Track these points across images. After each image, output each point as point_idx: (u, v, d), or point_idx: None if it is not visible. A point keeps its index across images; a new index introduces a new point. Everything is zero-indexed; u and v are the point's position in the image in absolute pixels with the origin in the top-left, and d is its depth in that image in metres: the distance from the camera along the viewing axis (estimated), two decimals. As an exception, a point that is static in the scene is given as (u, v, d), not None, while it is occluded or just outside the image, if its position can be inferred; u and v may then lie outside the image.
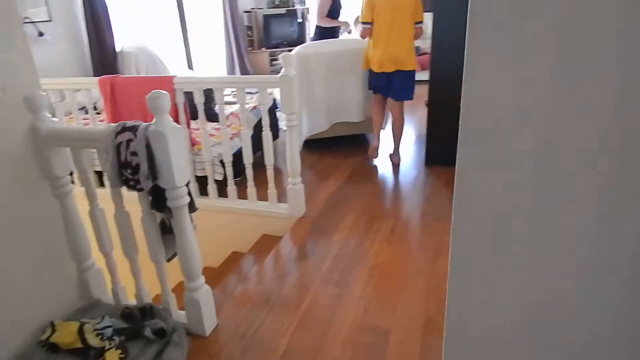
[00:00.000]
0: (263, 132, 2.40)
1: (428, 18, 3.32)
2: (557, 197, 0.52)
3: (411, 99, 3.18)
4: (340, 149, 3.68)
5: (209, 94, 3.02)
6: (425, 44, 6.74)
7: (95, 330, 1.49)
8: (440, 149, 3.17)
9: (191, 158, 2.69)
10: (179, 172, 1.38)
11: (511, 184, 0.55)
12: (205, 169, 2.65)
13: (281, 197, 2.61)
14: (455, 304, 0.64)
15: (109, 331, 1.50)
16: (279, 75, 2.21)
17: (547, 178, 0.52)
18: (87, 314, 1.60)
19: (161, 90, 1.35)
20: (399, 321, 1.69)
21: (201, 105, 2.46)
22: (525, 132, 0.52)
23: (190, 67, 5.83)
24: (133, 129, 1.38)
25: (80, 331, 1.47)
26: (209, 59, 6.72)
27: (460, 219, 0.59)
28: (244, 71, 6.85)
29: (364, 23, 3.09)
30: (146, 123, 1.39)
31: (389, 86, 3.11)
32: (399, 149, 3.30)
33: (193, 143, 2.72)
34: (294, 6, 7.22)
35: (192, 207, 1.52)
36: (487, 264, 0.59)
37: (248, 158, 2.50)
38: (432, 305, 1.76)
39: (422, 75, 6.24)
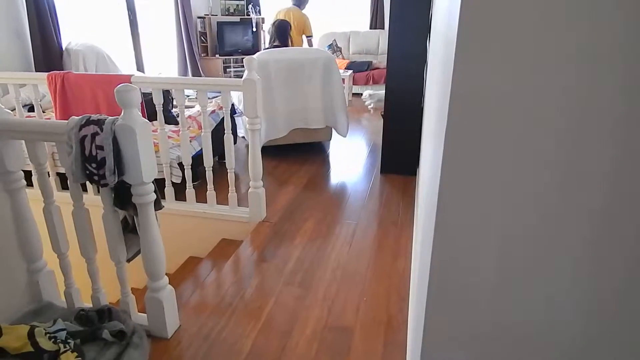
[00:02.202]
0: (225, 135, 2.38)
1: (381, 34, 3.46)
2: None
3: None
4: (298, 156, 3.72)
5: (165, 96, 2.96)
6: (377, 59, 7.01)
7: (47, 333, 1.40)
8: (394, 158, 3.30)
9: (147, 160, 2.61)
10: (146, 168, 1.35)
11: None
12: (162, 171, 2.58)
13: (240, 202, 2.59)
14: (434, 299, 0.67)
15: (62, 334, 1.41)
16: (243, 78, 2.22)
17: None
18: (37, 318, 1.50)
19: (130, 84, 1.32)
20: (362, 320, 1.73)
21: (160, 106, 2.40)
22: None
23: (140, 69, 5.65)
24: (99, 123, 1.33)
25: (31, 335, 1.38)
26: (161, 62, 6.54)
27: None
28: (197, 76, 6.73)
29: None
30: (113, 117, 1.35)
31: None
32: None
33: (150, 144, 2.63)
34: (248, 15, 7.23)
35: (157, 204, 1.49)
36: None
37: (209, 161, 2.46)
38: (393, 304, 1.82)
39: (377, 89, 6.49)
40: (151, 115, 2.63)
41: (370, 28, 7.23)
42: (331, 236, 2.37)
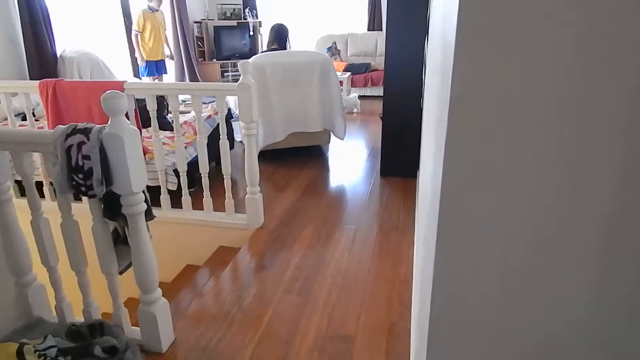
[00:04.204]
0: (220, 141, 2.34)
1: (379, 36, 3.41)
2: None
3: None
4: (297, 161, 3.67)
5: (160, 102, 2.91)
6: (375, 60, 6.97)
7: (37, 351, 1.35)
8: (394, 160, 3.25)
9: (142, 167, 2.56)
10: (135, 177, 1.30)
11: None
12: (157, 178, 2.54)
13: (237, 208, 2.54)
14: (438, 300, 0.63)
15: (52, 352, 1.36)
16: (237, 83, 2.18)
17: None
18: (27, 334, 1.45)
19: (117, 91, 1.28)
20: (364, 328, 1.68)
21: (154, 112, 2.36)
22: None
23: (137, 75, 5.62)
24: (85, 132, 1.29)
25: (20, 353, 1.33)
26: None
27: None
28: (194, 82, 6.70)
29: None
30: (100, 125, 1.30)
31: None
32: None
33: (145, 152, 2.59)
34: (245, 19, 7.21)
35: (149, 214, 1.44)
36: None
37: (204, 167, 2.42)
38: (394, 311, 1.77)
39: (375, 91, 6.46)
40: (146, 122, 2.58)
41: (368, 30, 7.20)
42: (331, 242, 2.32)
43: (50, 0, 3.93)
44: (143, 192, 1.40)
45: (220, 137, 2.34)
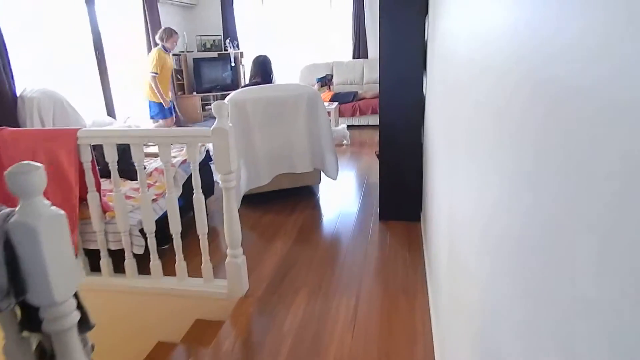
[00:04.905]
0: (194, 195, 1.96)
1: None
2: None
3: None
4: (286, 204, 3.30)
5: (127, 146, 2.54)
6: (362, 88, 6.73)
7: None
8: (394, 203, 2.91)
9: (103, 228, 2.17)
10: (59, 281, 0.92)
11: None
12: (121, 240, 2.14)
13: (219, 269, 2.15)
14: None
15: None
16: (211, 127, 1.83)
17: None
18: None
19: (32, 162, 0.91)
20: None
21: (114, 164, 1.99)
22: None
23: (110, 113, 5.25)
24: (-14, 219, 0.91)
25: None
26: (134, 103, 6.16)
27: None
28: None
29: None
30: (8, 209, 0.92)
31: None
32: None
33: (105, 210, 2.20)
34: (226, 50, 6.94)
35: (84, 325, 1.04)
36: None
37: (175, 226, 2.04)
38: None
39: (364, 120, 6.17)
40: (109, 171, 2.20)
41: (354, 57, 6.99)
42: (329, 314, 1.93)
43: (9, 34, 3.57)
44: (75, 295, 1.01)
45: (194, 190, 1.97)
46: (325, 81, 6.39)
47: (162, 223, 2.24)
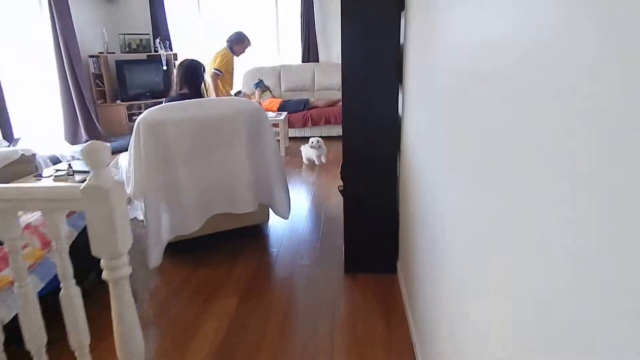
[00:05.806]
0: (61, 292, 1.20)
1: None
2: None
3: None
4: (225, 252, 2.57)
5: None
6: (314, 96, 6.09)
7: None
8: (361, 252, 2.28)
9: None
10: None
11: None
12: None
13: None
14: None
15: None
16: (82, 186, 1.07)
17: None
18: None
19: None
20: None
21: None
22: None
23: (7, 137, 4.24)
24: None
25: None
26: (40, 121, 5.14)
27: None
28: (92, 131, 5.40)
29: None
30: None
31: None
32: None
33: None
34: (156, 51, 6.04)
35: None
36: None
37: (37, 338, 1.26)
38: None
39: (316, 132, 5.48)
40: None
41: (303, 61, 6.34)
42: None
43: None
44: None
45: (61, 284, 1.20)
46: (262, 86, 5.70)
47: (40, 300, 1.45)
